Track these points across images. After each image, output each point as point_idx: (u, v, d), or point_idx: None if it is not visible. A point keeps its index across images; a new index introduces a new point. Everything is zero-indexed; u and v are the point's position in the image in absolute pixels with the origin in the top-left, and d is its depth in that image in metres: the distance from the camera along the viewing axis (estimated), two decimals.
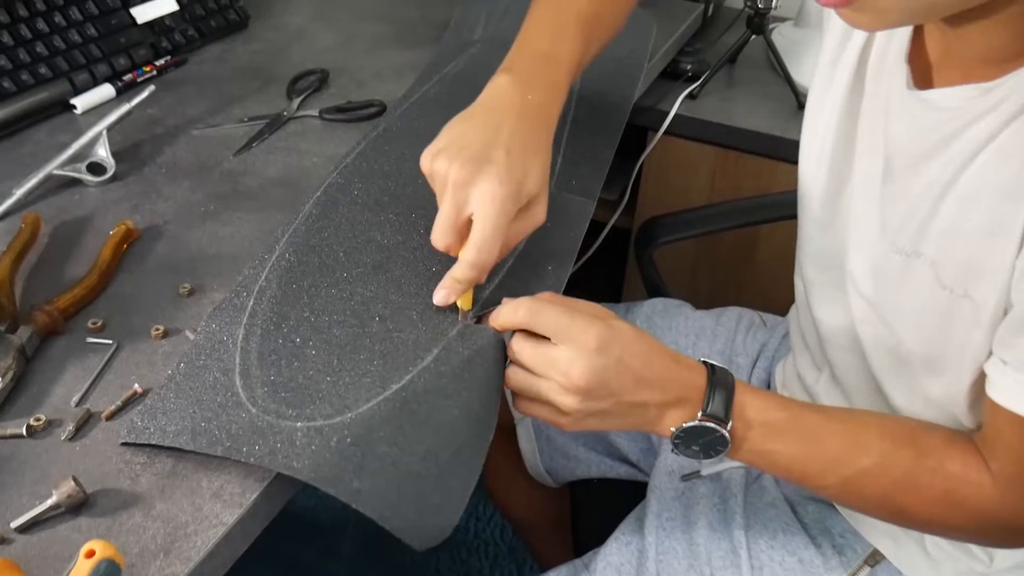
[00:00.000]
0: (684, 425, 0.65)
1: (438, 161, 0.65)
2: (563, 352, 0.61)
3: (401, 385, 0.62)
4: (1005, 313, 0.59)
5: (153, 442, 0.59)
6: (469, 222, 0.64)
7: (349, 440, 0.58)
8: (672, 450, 0.67)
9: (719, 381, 0.65)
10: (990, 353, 0.61)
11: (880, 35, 0.68)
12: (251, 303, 0.68)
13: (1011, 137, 0.57)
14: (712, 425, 0.64)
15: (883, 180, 0.68)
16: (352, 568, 1.50)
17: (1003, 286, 0.58)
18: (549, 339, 0.62)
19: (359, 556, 1.51)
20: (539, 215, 0.68)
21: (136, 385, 0.64)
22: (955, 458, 0.63)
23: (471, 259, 0.64)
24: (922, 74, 0.65)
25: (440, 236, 0.65)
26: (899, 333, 0.68)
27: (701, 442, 0.66)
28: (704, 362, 0.67)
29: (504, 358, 0.66)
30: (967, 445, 0.64)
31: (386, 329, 0.66)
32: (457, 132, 0.67)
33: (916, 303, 0.65)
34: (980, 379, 0.63)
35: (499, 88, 0.70)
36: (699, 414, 0.64)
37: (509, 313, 0.63)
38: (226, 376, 0.63)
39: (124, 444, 0.60)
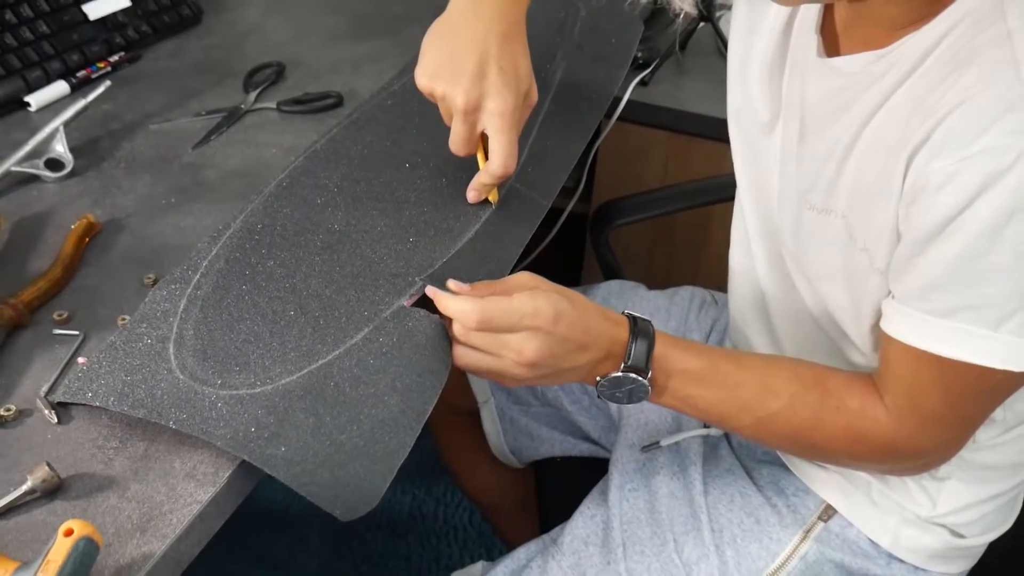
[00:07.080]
0: (609, 375, 0.69)
1: (437, 84, 0.74)
2: (514, 337, 0.65)
3: (327, 360, 0.64)
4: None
5: (83, 402, 0.61)
6: (483, 134, 0.76)
7: (267, 408, 0.60)
8: (598, 396, 0.71)
9: (640, 332, 0.69)
10: (888, 293, 0.66)
11: (802, 7, 0.73)
12: (197, 276, 0.70)
13: (899, 98, 0.62)
14: (633, 375, 0.69)
15: (799, 141, 0.73)
16: (322, 559, 1.51)
17: (891, 232, 0.63)
18: None
19: (328, 547, 1.52)
20: (534, 97, 0.78)
21: (80, 359, 0.66)
22: (855, 396, 0.69)
23: (499, 172, 0.76)
24: (831, 43, 0.71)
25: (459, 150, 0.77)
26: (820, 289, 0.73)
27: (624, 389, 0.70)
28: (626, 314, 0.71)
29: (445, 337, 0.68)
30: (866, 383, 0.69)
31: (322, 307, 0.69)
32: (446, 50, 0.75)
33: (832, 259, 0.70)
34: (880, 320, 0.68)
35: None
36: (622, 365, 0.69)
37: (461, 317, 0.66)
38: (161, 344, 0.65)
39: (60, 404, 0.62)
